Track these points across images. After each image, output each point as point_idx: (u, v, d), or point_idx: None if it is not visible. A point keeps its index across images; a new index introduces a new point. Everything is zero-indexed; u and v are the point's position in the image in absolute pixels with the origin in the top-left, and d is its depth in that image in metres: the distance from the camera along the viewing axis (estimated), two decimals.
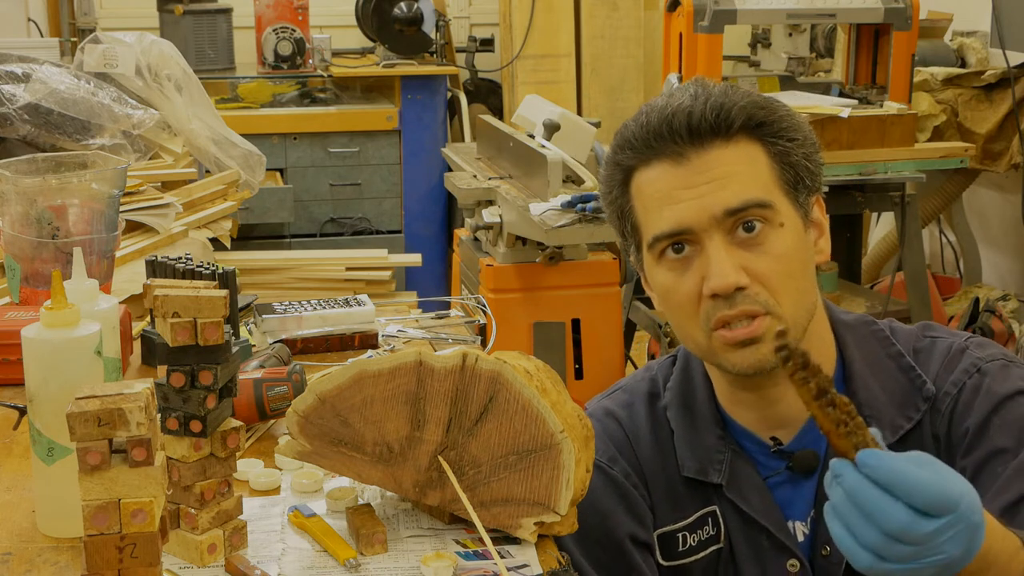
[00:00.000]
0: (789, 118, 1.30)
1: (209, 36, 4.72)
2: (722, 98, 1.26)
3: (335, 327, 1.77)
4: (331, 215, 4.68)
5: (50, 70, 3.09)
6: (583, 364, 3.09)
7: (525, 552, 1.18)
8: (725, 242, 1.25)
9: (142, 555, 0.98)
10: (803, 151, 1.30)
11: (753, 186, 1.25)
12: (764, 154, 1.28)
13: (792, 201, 1.28)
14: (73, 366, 1.18)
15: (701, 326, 1.27)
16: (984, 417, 1.27)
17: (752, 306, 1.24)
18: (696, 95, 1.27)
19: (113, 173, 1.81)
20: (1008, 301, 4.02)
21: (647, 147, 1.28)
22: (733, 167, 1.26)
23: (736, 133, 1.26)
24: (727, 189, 1.25)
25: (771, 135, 1.28)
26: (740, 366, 1.27)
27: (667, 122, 1.26)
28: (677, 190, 1.26)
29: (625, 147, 1.30)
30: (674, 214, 1.26)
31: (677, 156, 1.26)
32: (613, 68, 4.94)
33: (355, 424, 1.19)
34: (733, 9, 3.28)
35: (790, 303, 1.26)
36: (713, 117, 1.25)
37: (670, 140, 1.26)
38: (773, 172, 1.28)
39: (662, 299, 1.32)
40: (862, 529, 0.99)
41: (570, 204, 2.86)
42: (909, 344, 1.36)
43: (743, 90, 1.30)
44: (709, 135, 1.26)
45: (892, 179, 3.34)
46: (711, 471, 1.35)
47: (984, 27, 4.12)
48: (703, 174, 1.25)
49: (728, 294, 1.24)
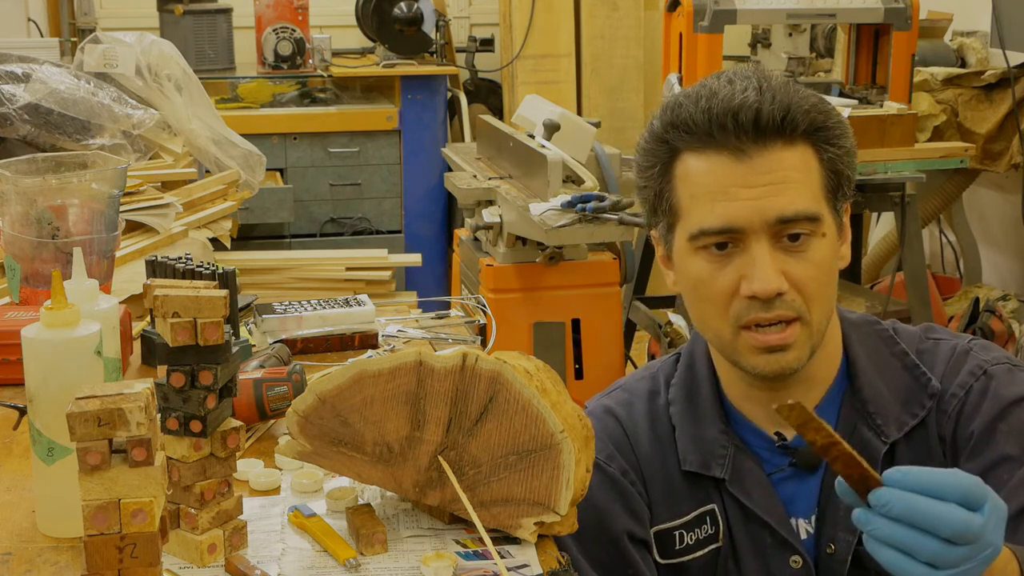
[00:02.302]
0: (843, 125, 1.29)
1: (209, 36, 4.72)
2: (788, 98, 1.24)
3: (335, 327, 1.77)
4: (331, 215, 4.68)
5: (50, 70, 3.09)
6: (583, 364, 3.08)
7: (525, 552, 1.18)
8: (770, 246, 1.24)
9: (142, 555, 0.98)
10: (848, 159, 1.29)
11: (806, 195, 1.25)
12: (816, 160, 1.27)
13: (832, 209, 1.28)
14: (73, 366, 1.18)
15: (730, 323, 1.27)
16: (990, 421, 1.28)
17: (788, 312, 1.25)
18: (762, 89, 1.24)
19: (113, 173, 1.81)
20: (1008, 301, 4.02)
21: (707, 135, 1.25)
22: (790, 172, 1.24)
23: (798, 136, 1.25)
24: (782, 196, 1.23)
25: (825, 141, 1.27)
26: (763, 370, 1.27)
27: (733, 115, 1.23)
28: (734, 187, 1.24)
29: (680, 128, 1.27)
30: (727, 211, 1.24)
31: (738, 152, 1.24)
32: (613, 68, 4.94)
33: (355, 424, 1.19)
34: (733, 9, 3.28)
35: (818, 310, 1.26)
36: (780, 118, 1.23)
37: (733, 134, 1.23)
38: (822, 179, 1.27)
39: (692, 288, 1.30)
40: (919, 544, 1.00)
41: (570, 204, 2.85)
42: (913, 345, 1.37)
43: (803, 89, 1.28)
44: (773, 135, 1.24)
45: (892, 179, 3.34)
46: (714, 465, 1.35)
47: (984, 27, 4.12)
48: (762, 175, 1.23)
49: (768, 298, 1.24)
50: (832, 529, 1.32)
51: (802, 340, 1.26)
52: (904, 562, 1.01)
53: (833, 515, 1.32)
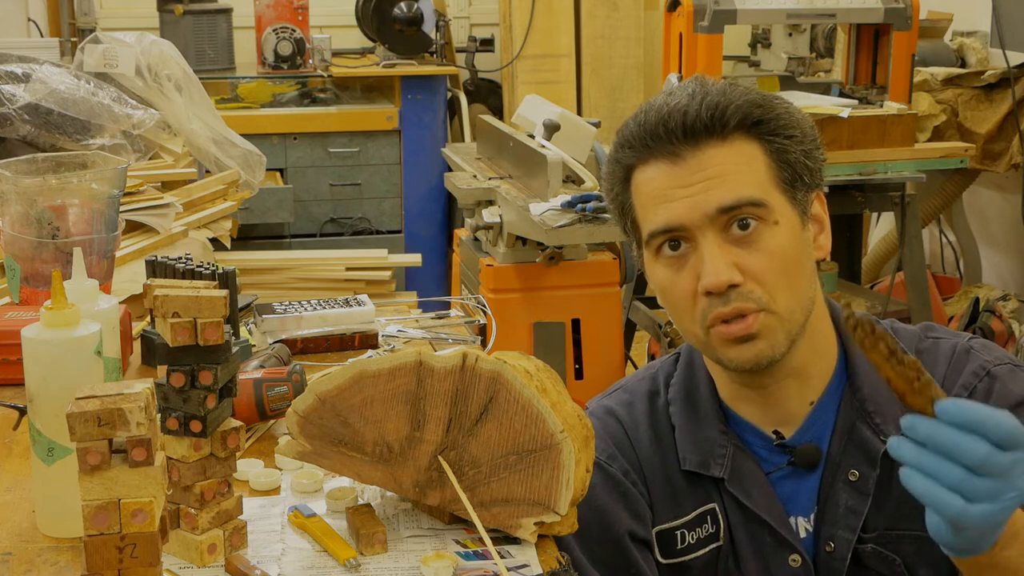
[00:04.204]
0: (787, 115, 1.30)
1: (209, 36, 4.72)
2: (718, 97, 1.27)
3: (335, 327, 1.77)
4: (331, 215, 4.68)
5: (50, 70, 3.09)
6: (583, 364, 3.09)
7: (525, 552, 1.18)
8: (719, 240, 1.26)
9: (142, 555, 0.98)
10: (802, 148, 1.30)
11: (748, 184, 1.26)
12: (761, 152, 1.28)
13: (789, 199, 1.29)
14: (73, 366, 1.18)
15: (698, 322, 1.28)
16: None
17: (746, 303, 1.25)
18: (694, 94, 1.28)
19: (113, 173, 1.81)
20: (1008, 301, 4.02)
21: (644, 146, 1.29)
22: (728, 166, 1.26)
23: (732, 132, 1.27)
24: (721, 188, 1.26)
25: (768, 133, 1.29)
26: (737, 361, 1.28)
27: (663, 122, 1.27)
28: (672, 189, 1.27)
29: (625, 146, 1.32)
30: (668, 212, 1.27)
31: (673, 155, 1.27)
32: (613, 68, 4.94)
33: (355, 424, 1.19)
34: (733, 9, 3.28)
35: (785, 299, 1.27)
36: (708, 117, 1.26)
37: (666, 140, 1.27)
38: (770, 170, 1.28)
39: (661, 296, 1.34)
40: (943, 470, 1.01)
41: (570, 204, 2.86)
42: (912, 344, 1.37)
43: (743, 88, 1.31)
44: (704, 134, 1.27)
45: (892, 179, 3.34)
46: (713, 465, 1.35)
47: (984, 27, 4.12)
48: (697, 173, 1.26)
49: (722, 291, 1.25)
50: (831, 527, 1.33)
51: (770, 328, 1.26)
52: (932, 489, 1.02)
53: (832, 513, 1.32)
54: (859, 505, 1.31)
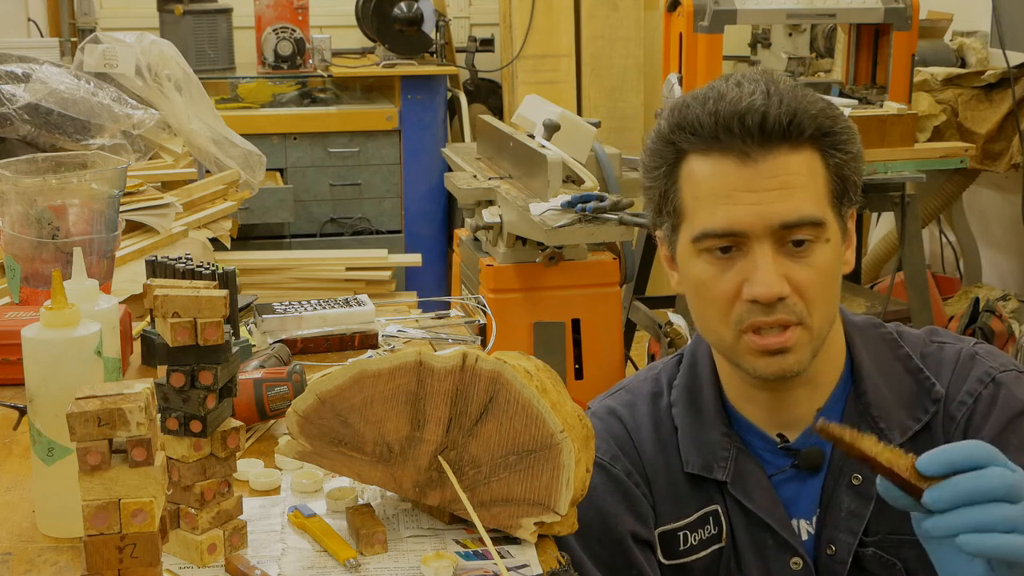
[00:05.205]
0: (850, 130, 1.29)
1: (209, 36, 4.72)
2: (795, 102, 1.24)
3: (335, 327, 1.77)
4: (331, 215, 4.68)
5: (50, 70, 3.09)
6: (583, 364, 3.08)
7: (525, 552, 1.18)
8: (773, 250, 1.24)
9: (142, 555, 0.98)
10: (855, 164, 1.29)
11: (811, 201, 1.24)
12: (822, 165, 1.26)
13: (837, 215, 1.28)
14: (73, 366, 1.18)
15: (732, 326, 1.27)
16: (1000, 431, 1.28)
17: (788, 316, 1.25)
18: (769, 93, 1.24)
19: (113, 173, 1.81)
20: (1008, 301, 4.02)
21: (713, 138, 1.25)
22: (795, 177, 1.24)
23: (804, 141, 1.25)
24: (787, 201, 1.23)
25: (832, 146, 1.27)
26: (764, 372, 1.28)
27: (739, 118, 1.23)
28: (737, 191, 1.24)
29: (687, 130, 1.26)
30: (730, 215, 1.24)
31: (743, 155, 1.24)
32: (613, 68, 4.94)
33: (355, 424, 1.19)
34: (733, 9, 3.28)
35: (819, 314, 1.26)
36: (787, 122, 1.23)
37: (739, 138, 1.23)
38: (827, 184, 1.27)
39: (694, 290, 1.31)
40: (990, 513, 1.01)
41: (570, 204, 2.85)
42: (917, 348, 1.36)
43: (812, 94, 1.28)
44: (779, 139, 1.23)
45: (892, 179, 3.34)
46: (716, 468, 1.35)
47: (984, 27, 4.12)
48: (767, 179, 1.23)
49: (769, 303, 1.24)
50: (832, 530, 1.32)
51: (802, 343, 1.26)
52: (996, 539, 1.00)
53: (834, 516, 1.32)
54: (861, 509, 1.31)
